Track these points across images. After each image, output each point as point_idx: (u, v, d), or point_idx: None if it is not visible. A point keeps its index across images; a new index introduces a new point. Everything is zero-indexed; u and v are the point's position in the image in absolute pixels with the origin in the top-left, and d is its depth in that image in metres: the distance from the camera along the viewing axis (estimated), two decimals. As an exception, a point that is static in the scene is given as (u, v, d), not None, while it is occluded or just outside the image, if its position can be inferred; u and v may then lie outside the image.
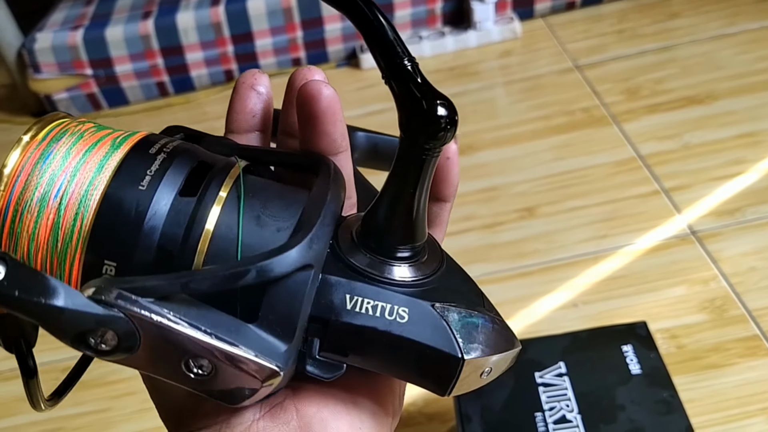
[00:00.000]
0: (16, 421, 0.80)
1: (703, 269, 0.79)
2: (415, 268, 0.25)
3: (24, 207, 0.22)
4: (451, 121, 0.22)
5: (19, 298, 0.19)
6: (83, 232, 0.22)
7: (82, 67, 1.30)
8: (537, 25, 1.33)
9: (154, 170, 0.23)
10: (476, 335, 0.24)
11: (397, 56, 0.22)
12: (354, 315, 0.23)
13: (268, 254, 0.21)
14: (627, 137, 1.01)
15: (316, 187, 0.25)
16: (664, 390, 0.55)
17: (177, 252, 0.23)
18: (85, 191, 0.22)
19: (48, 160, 0.23)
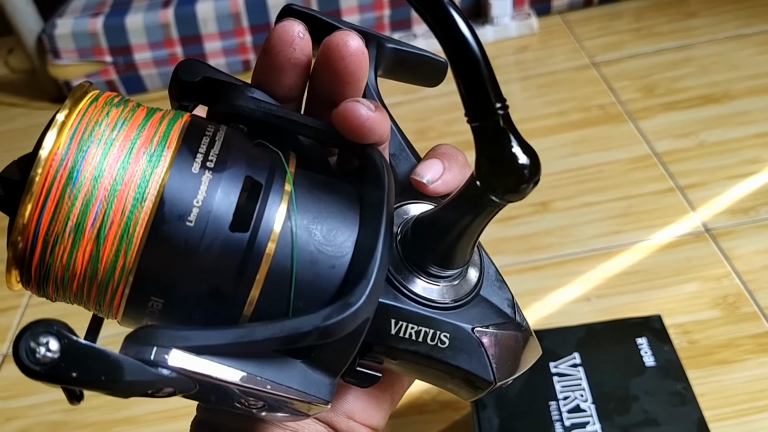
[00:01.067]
0: (32, 400, 0.81)
1: (716, 266, 0.79)
2: (458, 287, 0.25)
3: (56, 238, 0.20)
4: (534, 179, 0.21)
5: (77, 378, 0.18)
6: (127, 268, 0.21)
7: (101, 54, 1.31)
8: (554, 21, 1.34)
9: (201, 200, 0.21)
10: (508, 357, 0.25)
11: (492, 102, 0.21)
12: (398, 340, 0.23)
13: (328, 314, 0.20)
14: (643, 134, 1.01)
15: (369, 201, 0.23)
16: (677, 382, 0.56)
17: (230, 290, 0.21)
18: (127, 224, 0.20)
19: (78, 181, 0.20)
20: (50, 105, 1.39)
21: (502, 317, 0.26)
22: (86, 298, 0.21)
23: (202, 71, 0.25)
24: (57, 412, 0.80)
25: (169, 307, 0.21)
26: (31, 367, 0.17)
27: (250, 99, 0.24)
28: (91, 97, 0.22)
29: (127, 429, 0.76)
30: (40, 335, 0.18)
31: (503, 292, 0.27)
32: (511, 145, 0.21)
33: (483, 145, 0.21)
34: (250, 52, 1.33)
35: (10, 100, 1.43)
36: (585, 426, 0.54)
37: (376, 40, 0.28)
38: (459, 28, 0.21)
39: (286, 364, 0.22)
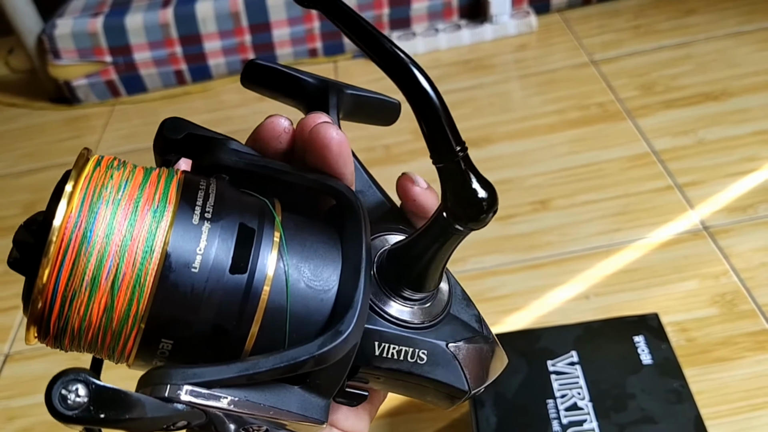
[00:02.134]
0: (37, 399, 0.82)
1: (714, 264, 0.79)
2: (430, 309, 0.28)
3: (73, 293, 0.22)
4: (492, 209, 0.24)
5: (105, 419, 0.20)
6: (139, 314, 0.23)
7: (101, 53, 1.32)
8: (553, 19, 1.34)
9: (203, 248, 0.23)
10: (479, 368, 0.28)
11: (451, 146, 0.24)
12: (381, 360, 0.26)
13: (322, 343, 0.23)
14: (641, 132, 1.01)
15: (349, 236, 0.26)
16: (674, 380, 0.56)
17: (231, 330, 0.24)
18: (138, 275, 0.22)
19: (92, 240, 0.22)
20: (50, 105, 1.39)
21: (471, 332, 0.28)
22: (100, 346, 0.23)
23: (185, 128, 0.28)
24: (58, 411, 0.80)
25: (177, 348, 0.23)
26: (64, 413, 0.19)
27: (231, 151, 0.27)
28: (93, 161, 0.24)
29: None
30: (69, 383, 0.20)
31: (470, 309, 0.30)
32: (471, 183, 0.24)
33: (447, 183, 0.24)
34: (250, 51, 1.33)
35: (10, 100, 1.43)
36: (582, 424, 0.55)
37: (336, 87, 0.32)
38: (420, 83, 0.24)
39: (285, 390, 0.24)
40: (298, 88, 0.32)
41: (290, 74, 0.31)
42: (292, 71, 0.31)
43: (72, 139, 1.30)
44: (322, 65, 1.35)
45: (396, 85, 0.24)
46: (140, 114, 1.34)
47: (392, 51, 0.24)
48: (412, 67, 0.24)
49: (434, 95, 0.24)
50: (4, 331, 0.91)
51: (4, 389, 0.84)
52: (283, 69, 0.31)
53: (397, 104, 0.34)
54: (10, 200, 1.16)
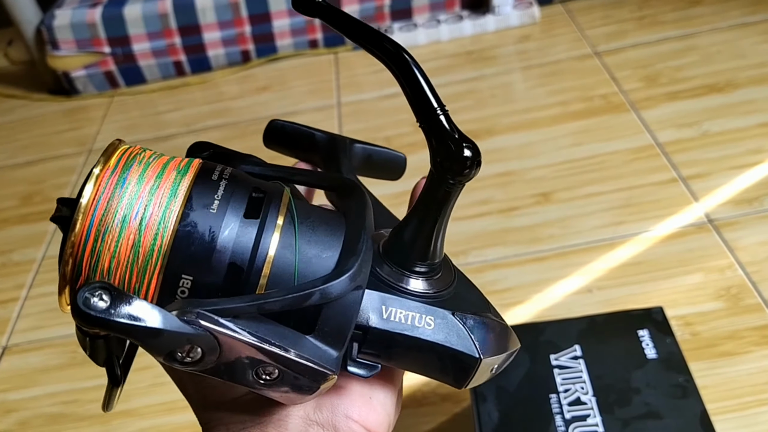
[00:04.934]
0: (35, 392, 0.81)
1: (719, 257, 0.78)
2: (435, 281, 0.29)
3: (106, 229, 0.24)
4: (475, 161, 0.26)
5: (122, 324, 0.21)
6: (163, 249, 0.24)
7: (100, 44, 1.30)
8: (556, 10, 1.33)
9: (221, 195, 0.26)
10: (489, 338, 0.28)
11: (431, 105, 0.26)
12: (389, 323, 0.27)
13: (327, 278, 0.25)
14: (645, 124, 1.00)
15: (352, 211, 0.28)
16: (679, 375, 0.55)
17: (245, 269, 0.25)
18: (163, 214, 0.25)
19: (124, 186, 0.25)
20: (49, 96, 1.38)
21: (476, 307, 0.29)
22: (126, 287, 0.25)
23: (209, 148, 0.32)
24: (56, 404, 0.79)
25: (196, 286, 0.25)
26: (87, 313, 0.21)
27: (250, 162, 0.31)
28: (126, 146, 0.27)
29: (126, 421, 0.76)
30: (95, 288, 0.21)
31: (476, 293, 0.31)
32: (453, 135, 0.25)
33: (431, 139, 0.26)
34: (249, 42, 1.32)
35: (9, 92, 1.42)
36: (585, 419, 0.54)
37: (345, 141, 0.37)
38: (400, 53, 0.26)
39: (298, 337, 0.25)
40: (312, 144, 0.37)
41: (306, 129, 0.37)
42: (305, 128, 0.37)
43: (71, 131, 1.29)
44: (322, 56, 1.34)
45: (379, 60, 0.26)
46: (139, 105, 1.33)
47: (374, 31, 0.27)
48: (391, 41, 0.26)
49: (413, 63, 0.26)
50: (1, 324, 0.90)
51: (1, 382, 0.83)
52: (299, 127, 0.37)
53: (403, 158, 0.39)
54: (8, 192, 1.15)
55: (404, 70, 0.26)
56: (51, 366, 0.83)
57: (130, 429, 0.76)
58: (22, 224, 1.08)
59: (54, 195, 1.11)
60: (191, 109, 1.28)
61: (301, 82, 1.29)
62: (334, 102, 1.20)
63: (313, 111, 1.19)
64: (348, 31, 0.27)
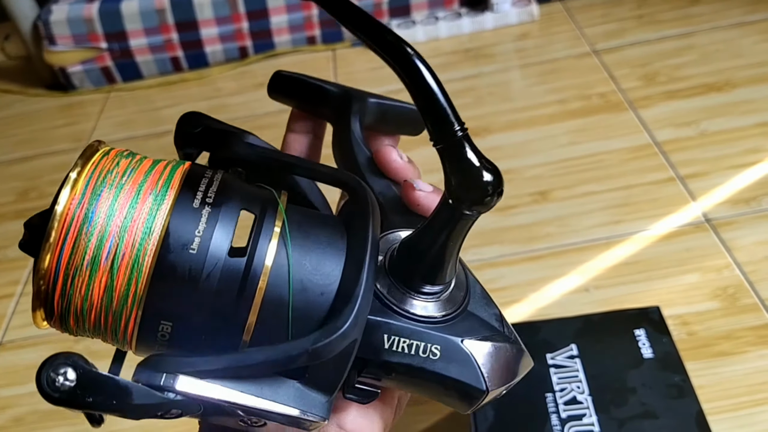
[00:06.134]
0: (30, 388, 0.81)
1: (716, 257, 0.78)
2: (444, 303, 0.26)
3: (75, 271, 0.22)
4: (497, 190, 0.23)
5: (92, 403, 0.20)
6: (138, 294, 0.23)
7: (97, 40, 1.30)
8: (555, 8, 1.32)
9: (202, 230, 0.23)
10: (498, 367, 0.26)
11: (449, 124, 0.23)
12: (391, 354, 0.25)
13: (316, 338, 0.22)
14: (643, 123, 1.00)
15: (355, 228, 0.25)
16: (675, 374, 0.55)
17: (229, 314, 0.23)
18: (137, 255, 0.22)
19: (93, 221, 0.22)
20: (46, 91, 1.38)
21: (490, 330, 0.27)
22: (103, 327, 0.23)
23: (202, 122, 0.29)
24: (51, 401, 0.79)
25: (177, 331, 0.23)
26: (51, 394, 0.20)
27: (246, 145, 0.27)
28: (103, 151, 0.24)
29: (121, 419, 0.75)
30: (59, 366, 0.20)
31: (490, 308, 0.28)
32: (473, 162, 0.23)
33: (448, 164, 0.23)
34: (247, 38, 1.32)
35: (5, 87, 1.41)
36: (581, 418, 0.54)
37: (359, 96, 0.32)
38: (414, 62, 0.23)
39: (284, 384, 0.23)
40: (323, 97, 0.33)
41: (314, 84, 0.32)
42: (315, 81, 0.33)
43: (67, 126, 1.29)
44: (320, 53, 1.33)
45: (390, 67, 0.23)
46: (136, 101, 1.32)
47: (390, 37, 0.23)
48: (405, 47, 0.23)
49: (429, 73, 0.23)
50: (-4, 320, 0.90)
51: (-5, 378, 0.83)
52: (307, 79, 0.33)
53: None
54: (4, 187, 1.15)
55: (418, 79, 0.23)
56: (46, 362, 0.83)
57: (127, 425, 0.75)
58: (17, 220, 1.07)
59: (50, 191, 1.10)
60: (188, 105, 1.27)
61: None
62: (332, 99, 1.19)
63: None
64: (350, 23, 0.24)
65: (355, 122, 0.31)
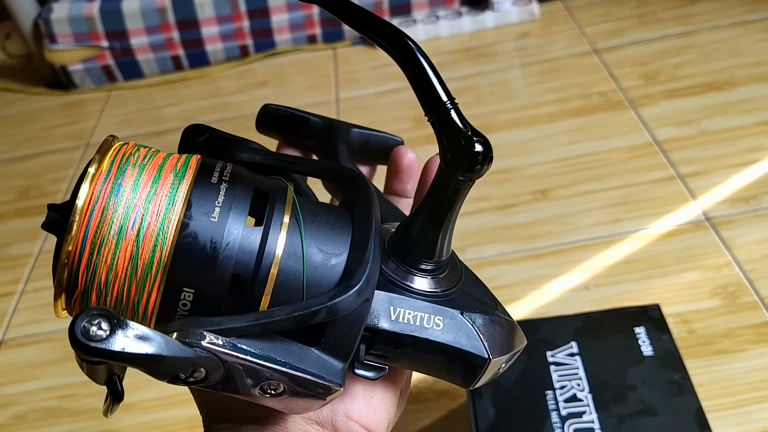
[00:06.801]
0: (32, 386, 0.81)
1: (716, 255, 0.78)
2: (443, 280, 0.28)
3: (102, 241, 0.23)
4: (487, 157, 0.25)
5: (123, 354, 0.20)
6: (162, 262, 0.23)
7: (97, 38, 1.30)
8: (555, 7, 1.32)
9: (221, 201, 0.24)
10: (497, 337, 0.28)
11: (440, 99, 0.25)
12: (397, 324, 0.26)
13: (334, 294, 0.24)
14: (644, 122, 1.00)
15: (358, 209, 0.27)
16: (675, 372, 0.55)
17: (249, 280, 0.24)
18: (161, 224, 0.24)
19: (119, 194, 0.24)
20: (47, 90, 1.38)
21: (485, 306, 0.29)
22: (126, 300, 0.24)
23: (206, 133, 0.31)
24: (53, 398, 0.79)
25: (198, 299, 0.24)
26: (85, 344, 0.20)
27: (248, 149, 0.29)
28: (121, 143, 0.26)
29: (125, 415, 0.76)
30: (94, 317, 0.20)
31: (484, 289, 0.30)
32: (464, 130, 0.25)
33: (441, 135, 0.25)
34: (248, 37, 1.32)
35: (6, 86, 1.42)
36: (581, 416, 0.54)
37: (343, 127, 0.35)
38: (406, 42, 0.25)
39: (303, 350, 0.24)
40: (308, 130, 0.35)
41: (300, 116, 0.35)
42: (301, 113, 0.35)
43: (68, 125, 1.29)
44: (321, 52, 1.33)
45: (384, 50, 0.25)
46: (137, 100, 1.32)
47: (378, 19, 0.25)
48: (394, 28, 0.25)
49: (419, 53, 0.25)
50: (-3, 318, 0.90)
51: (-3, 376, 0.83)
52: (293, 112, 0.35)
53: (401, 143, 0.38)
54: (5, 186, 1.15)
55: (410, 60, 0.25)
56: (48, 360, 0.83)
57: (128, 423, 0.75)
58: (18, 218, 1.07)
59: (51, 189, 1.11)
60: (189, 104, 1.27)
61: (300, 78, 1.29)
62: (333, 98, 1.20)
63: (311, 106, 1.18)
64: (348, 17, 0.26)
65: (342, 148, 0.34)
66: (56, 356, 0.83)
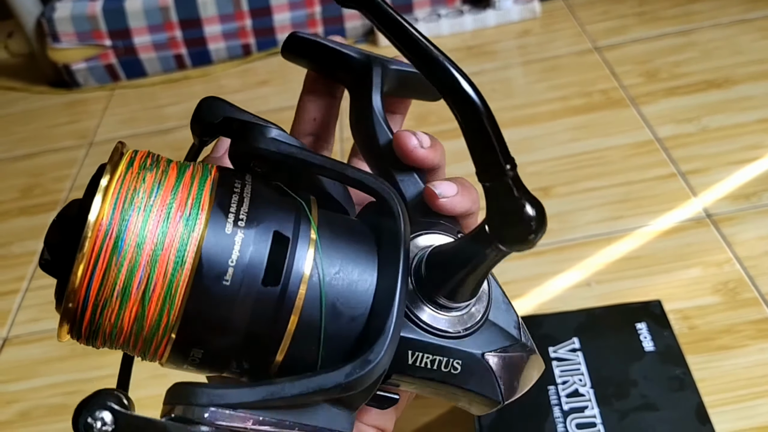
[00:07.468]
0: (36, 383, 0.82)
1: (717, 252, 0.79)
2: (468, 317, 0.26)
3: (104, 303, 0.22)
4: (541, 230, 0.22)
5: None
6: (170, 324, 0.23)
7: (100, 37, 1.30)
8: (557, 5, 1.33)
9: (236, 259, 0.23)
10: (514, 379, 0.27)
11: (500, 163, 0.22)
12: (414, 369, 0.25)
13: (349, 372, 0.22)
14: (645, 119, 1.00)
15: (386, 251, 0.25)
16: (676, 367, 0.56)
17: (263, 342, 0.23)
18: (169, 287, 0.22)
19: (122, 250, 0.22)
20: (49, 89, 1.38)
21: (509, 339, 0.27)
22: (131, 348, 0.24)
23: (222, 111, 0.27)
24: (57, 395, 0.80)
25: (208, 356, 0.23)
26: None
27: (270, 141, 0.26)
28: (127, 158, 0.24)
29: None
30: (95, 410, 0.20)
31: (509, 315, 0.28)
32: (520, 204, 0.22)
33: (493, 203, 0.22)
34: (250, 36, 1.32)
35: (9, 84, 1.42)
36: (583, 410, 0.54)
37: (380, 62, 0.31)
38: (468, 93, 0.22)
39: (311, 405, 0.24)
40: (341, 62, 0.31)
41: (333, 48, 0.31)
42: (335, 45, 0.31)
43: (71, 124, 1.29)
44: (323, 50, 1.34)
45: (440, 94, 0.22)
46: (140, 98, 1.33)
47: (437, 57, 0.22)
48: (458, 76, 0.22)
49: (482, 106, 0.22)
50: (2, 315, 0.90)
51: (2, 373, 0.83)
52: (325, 42, 0.31)
53: None
54: (8, 184, 1.15)
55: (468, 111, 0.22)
56: (52, 357, 0.84)
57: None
58: (22, 216, 1.08)
59: (54, 188, 1.11)
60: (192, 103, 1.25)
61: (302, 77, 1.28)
62: (335, 96, 1.20)
63: (313, 105, 1.19)
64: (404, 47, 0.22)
65: (376, 95, 0.30)
66: (60, 353, 0.84)
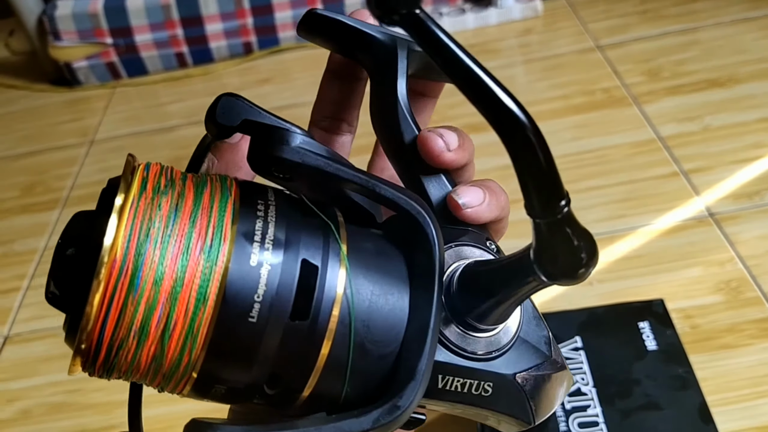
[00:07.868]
0: (37, 381, 0.82)
1: (719, 251, 0.79)
2: (500, 338, 0.25)
3: (120, 343, 0.21)
4: (591, 266, 0.20)
5: None
6: (192, 363, 0.21)
7: (102, 35, 1.30)
8: (558, 3, 1.32)
9: (262, 294, 0.21)
10: (546, 398, 0.26)
11: (556, 201, 0.20)
12: (443, 393, 0.24)
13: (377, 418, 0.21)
14: (647, 118, 1.00)
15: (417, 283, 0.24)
16: (679, 366, 0.56)
17: (288, 378, 0.22)
18: (190, 326, 0.21)
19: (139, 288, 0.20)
20: (50, 87, 1.38)
21: (540, 357, 0.26)
22: (149, 383, 0.23)
23: (241, 113, 0.25)
24: (59, 393, 0.80)
25: (230, 392, 0.23)
26: None
27: (294, 152, 0.23)
28: (140, 176, 0.22)
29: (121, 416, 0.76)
30: None
31: (540, 330, 0.27)
32: (572, 244, 0.20)
33: (544, 239, 0.21)
34: (252, 34, 1.32)
35: (10, 82, 1.42)
36: (586, 409, 0.54)
37: (405, 44, 0.29)
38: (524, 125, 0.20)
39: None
40: (363, 44, 0.29)
41: (354, 28, 0.28)
42: (356, 24, 0.28)
43: (72, 122, 1.29)
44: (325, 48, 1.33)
45: (491, 125, 0.20)
46: (141, 96, 1.33)
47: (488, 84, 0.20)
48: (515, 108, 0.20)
49: (537, 141, 0.20)
50: (3, 313, 0.90)
51: (3, 371, 0.83)
52: (345, 21, 0.28)
53: None
54: (9, 182, 1.15)
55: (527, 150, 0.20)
56: (53, 355, 0.84)
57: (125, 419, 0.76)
58: (23, 214, 1.08)
59: (56, 186, 1.11)
60: (193, 101, 1.28)
61: (304, 75, 1.29)
62: (336, 94, 1.20)
63: (314, 103, 1.19)
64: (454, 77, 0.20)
65: (402, 84, 0.28)
66: (62, 351, 0.83)
